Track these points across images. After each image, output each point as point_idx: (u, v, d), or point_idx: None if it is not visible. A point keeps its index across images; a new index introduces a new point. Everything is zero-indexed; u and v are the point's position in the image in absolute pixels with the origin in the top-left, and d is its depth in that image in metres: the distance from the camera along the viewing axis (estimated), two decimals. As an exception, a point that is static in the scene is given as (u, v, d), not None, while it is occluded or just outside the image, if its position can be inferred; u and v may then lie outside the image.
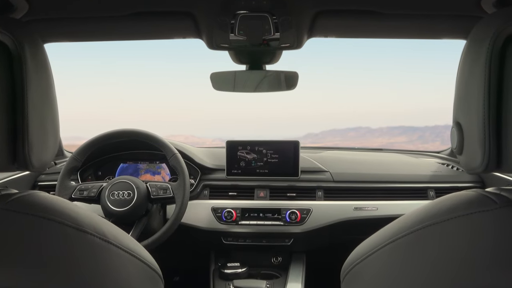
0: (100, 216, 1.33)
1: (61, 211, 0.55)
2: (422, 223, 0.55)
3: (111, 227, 0.61)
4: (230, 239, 1.52)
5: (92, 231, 0.56)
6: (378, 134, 19.90)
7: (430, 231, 0.54)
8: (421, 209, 0.59)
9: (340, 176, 1.56)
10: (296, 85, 1.40)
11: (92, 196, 1.34)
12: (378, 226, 0.60)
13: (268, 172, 1.56)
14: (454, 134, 0.60)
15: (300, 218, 1.47)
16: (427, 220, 0.55)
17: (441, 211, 0.55)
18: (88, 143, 1.39)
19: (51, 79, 0.62)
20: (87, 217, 0.58)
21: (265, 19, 1.03)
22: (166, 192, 1.35)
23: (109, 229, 0.59)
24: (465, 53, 0.58)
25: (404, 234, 0.57)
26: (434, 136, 16.15)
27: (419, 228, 0.55)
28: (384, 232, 0.62)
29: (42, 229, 0.52)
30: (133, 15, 1.05)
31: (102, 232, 0.57)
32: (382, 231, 0.63)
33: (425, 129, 17.29)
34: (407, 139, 17.98)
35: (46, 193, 0.59)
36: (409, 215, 0.60)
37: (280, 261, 1.57)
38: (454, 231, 0.52)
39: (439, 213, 0.55)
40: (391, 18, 1.12)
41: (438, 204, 0.57)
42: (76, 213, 0.57)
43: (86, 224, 0.56)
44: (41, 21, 1.09)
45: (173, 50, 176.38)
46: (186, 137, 19.99)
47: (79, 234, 0.54)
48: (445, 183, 1.54)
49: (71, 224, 0.54)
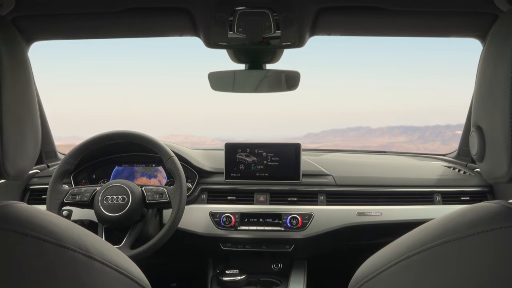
0: (94, 221, 1.31)
1: (39, 225, 0.50)
2: (439, 239, 0.50)
3: (96, 240, 0.56)
4: (228, 245, 1.47)
5: (73, 246, 0.51)
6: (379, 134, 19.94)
7: (447, 249, 0.49)
8: (438, 222, 0.54)
9: (343, 180, 1.51)
10: (298, 86, 1.36)
11: (85, 200, 1.29)
12: (382, 231, 0.56)
13: (268, 176, 1.50)
14: (474, 139, 0.55)
15: (301, 223, 1.42)
16: (445, 236, 0.50)
17: (460, 225, 0.50)
18: (80, 145, 1.34)
19: (30, 79, 0.57)
20: (68, 230, 0.53)
21: (265, 16, 0.98)
22: (162, 197, 1.30)
23: (93, 243, 0.54)
24: (485, 52, 0.53)
25: (418, 251, 0.51)
26: (435, 136, 16.18)
27: (435, 245, 0.50)
28: (396, 246, 0.57)
29: (18, 245, 0.47)
30: (126, 11, 1.00)
31: (85, 247, 0.52)
32: (394, 245, 0.58)
33: (425, 128, 17.30)
34: (407, 138, 17.99)
35: (24, 204, 0.54)
36: (424, 228, 0.55)
37: (280, 268, 1.52)
38: (475, 250, 0.46)
39: (458, 228, 0.49)
40: (398, 15, 1.07)
41: (457, 217, 0.52)
42: (56, 227, 0.52)
43: (67, 238, 0.51)
44: (29, 18, 1.05)
45: (173, 49, 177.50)
46: (185, 136, 19.98)
47: (59, 250, 0.49)
48: (452, 187, 1.49)
49: (50, 239, 0.49)
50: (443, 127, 16.04)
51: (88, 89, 66.60)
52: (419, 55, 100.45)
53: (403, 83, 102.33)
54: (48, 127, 1.63)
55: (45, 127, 1.60)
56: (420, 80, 72.65)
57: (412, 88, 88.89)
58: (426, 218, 1.44)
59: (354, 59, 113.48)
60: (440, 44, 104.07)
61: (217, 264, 1.53)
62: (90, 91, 66.05)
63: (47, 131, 1.63)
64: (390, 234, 1.52)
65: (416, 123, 38.30)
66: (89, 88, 67.02)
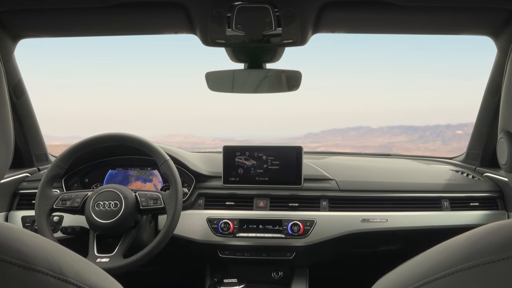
0: (86, 228, 1.25)
1: (6, 245, 0.44)
2: (465, 262, 0.43)
3: (73, 259, 0.50)
4: (227, 252, 1.41)
5: (45, 268, 0.44)
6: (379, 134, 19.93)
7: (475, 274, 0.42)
8: (464, 240, 0.47)
9: (346, 185, 1.45)
10: (299, 86, 1.30)
11: (75, 206, 1.24)
12: (388, 239, 0.51)
13: (269, 180, 1.44)
14: (504, 146, 0.49)
15: (303, 230, 1.36)
16: (472, 259, 0.43)
17: (490, 247, 0.43)
18: (71, 148, 1.29)
19: (1, 76, 0.50)
20: (40, 250, 0.46)
21: (265, 11, 0.92)
22: (157, 202, 1.25)
23: (69, 263, 0.48)
24: None
25: (441, 275, 0.45)
26: (435, 136, 16.18)
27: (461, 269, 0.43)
28: (415, 267, 0.50)
29: None
30: (117, 6, 0.94)
31: (59, 269, 0.46)
32: (412, 266, 0.51)
33: (425, 128, 17.30)
34: (407, 138, 18.00)
35: None
36: (446, 247, 0.48)
37: (281, 276, 1.47)
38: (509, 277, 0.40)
39: (487, 250, 0.43)
40: (407, 10, 1.01)
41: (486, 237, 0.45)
42: (26, 246, 0.45)
43: (38, 259, 0.45)
44: (14, 13, 0.99)
45: (173, 49, 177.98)
46: (185, 136, 19.95)
47: (28, 273, 0.43)
48: (461, 193, 1.43)
49: (17, 262, 0.43)
50: (443, 127, 16.05)
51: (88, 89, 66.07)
52: (420, 55, 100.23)
53: (404, 83, 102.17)
54: (38, 129, 1.57)
55: (35, 129, 1.54)
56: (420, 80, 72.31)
57: (412, 88, 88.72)
58: (434, 224, 1.39)
59: (355, 59, 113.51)
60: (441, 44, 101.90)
61: (215, 272, 1.48)
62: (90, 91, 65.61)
63: (38, 134, 1.57)
64: (396, 242, 1.48)
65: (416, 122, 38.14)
66: (89, 88, 66.56)
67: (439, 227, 1.37)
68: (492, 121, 1.39)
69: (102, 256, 1.18)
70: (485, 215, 1.39)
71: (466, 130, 13.85)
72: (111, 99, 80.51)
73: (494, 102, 1.36)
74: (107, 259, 1.17)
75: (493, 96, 1.36)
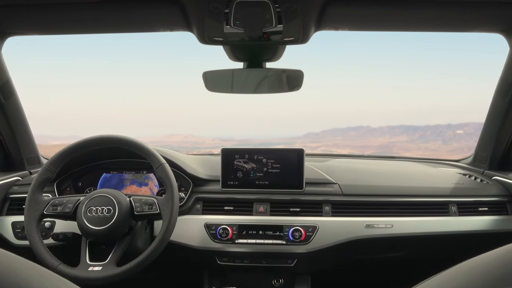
0: (78, 234, 1.20)
1: None
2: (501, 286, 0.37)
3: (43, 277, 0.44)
4: (225, 259, 1.36)
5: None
6: (379, 133, 19.89)
7: None
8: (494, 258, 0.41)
9: (349, 189, 1.40)
10: (301, 86, 1.25)
11: (67, 212, 1.19)
12: (393, 245, 0.46)
13: (269, 184, 1.40)
14: None
15: (304, 236, 1.31)
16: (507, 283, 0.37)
17: None
18: (62, 151, 1.23)
19: None
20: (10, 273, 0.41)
21: (265, 7, 0.87)
22: (152, 208, 1.19)
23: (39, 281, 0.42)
24: None
25: None
26: (435, 136, 16.15)
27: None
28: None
29: None
30: (109, 2, 0.88)
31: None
32: (433, 286, 0.45)
33: (426, 128, 17.26)
34: (408, 138, 17.96)
35: None
36: (475, 265, 0.41)
37: (282, 283, 1.42)
38: None
39: None
40: (414, 6, 0.96)
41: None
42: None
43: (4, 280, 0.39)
44: (1, 9, 0.93)
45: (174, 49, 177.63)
46: (185, 136, 19.90)
47: None
48: (469, 197, 1.38)
49: None
50: (444, 127, 16.02)
51: (88, 89, 66.00)
52: (421, 55, 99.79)
53: (404, 82, 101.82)
54: (29, 131, 1.52)
55: (25, 131, 1.49)
56: (421, 79, 72.06)
57: (413, 87, 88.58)
58: (441, 230, 1.34)
59: (357, 58, 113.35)
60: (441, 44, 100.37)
61: (213, 280, 1.44)
62: (90, 91, 65.55)
63: (28, 136, 1.52)
64: (401, 248, 1.42)
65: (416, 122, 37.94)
66: (89, 88, 66.52)
67: (447, 233, 1.32)
68: (502, 123, 1.34)
69: (95, 264, 1.13)
70: (494, 220, 1.34)
71: (466, 130, 13.83)
72: (111, 99, 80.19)
73: (505, 103, 1.30)
74: (99, 267, 1.12)
75: (503, 96, 1.30)
